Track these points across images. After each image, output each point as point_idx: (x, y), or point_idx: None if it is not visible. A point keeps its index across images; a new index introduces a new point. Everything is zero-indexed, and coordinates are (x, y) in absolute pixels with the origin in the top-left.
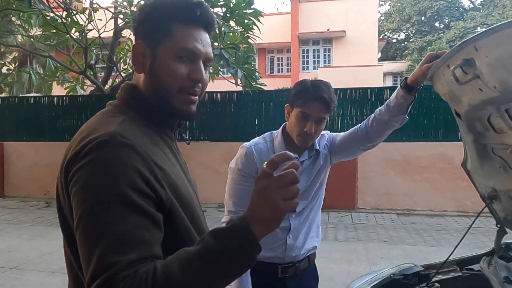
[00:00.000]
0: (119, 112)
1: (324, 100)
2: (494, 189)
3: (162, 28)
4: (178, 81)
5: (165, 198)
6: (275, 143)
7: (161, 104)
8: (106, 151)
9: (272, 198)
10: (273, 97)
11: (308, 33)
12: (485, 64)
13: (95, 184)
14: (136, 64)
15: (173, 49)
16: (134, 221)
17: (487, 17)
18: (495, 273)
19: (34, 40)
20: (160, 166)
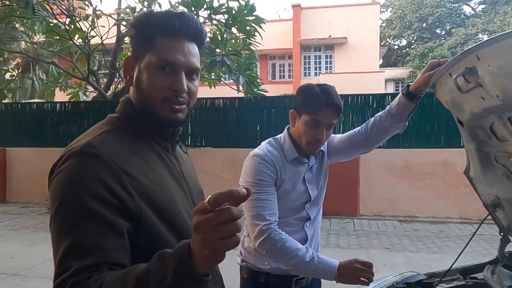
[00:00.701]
0: (109, 123)
1: (336, 107)
2: (497, 197)
3: (147, 42)
4: (161, 92)
5: (132, 206)
6: (285, 149)
7: (149, 114)
8: (74, 161)
9: (207, 237)
10: (275, 104)
11: (310, 39)
12: (487, 73)
13: (59, 192)
14: (126, 77)
15: (154, 62)
16: (91, 228)
17: (488, 24)
18: (499, 282)
19: (37, 47)
20: (131, 175)
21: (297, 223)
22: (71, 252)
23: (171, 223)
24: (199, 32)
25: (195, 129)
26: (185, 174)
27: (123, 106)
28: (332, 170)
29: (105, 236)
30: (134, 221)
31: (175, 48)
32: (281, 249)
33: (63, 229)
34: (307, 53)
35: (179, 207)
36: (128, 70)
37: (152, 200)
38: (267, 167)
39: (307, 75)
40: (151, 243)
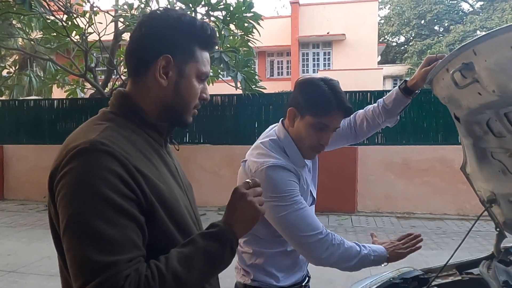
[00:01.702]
0: (106, 119)
1: (347, 111)
2: (493, 193)
3: (188, 50)
4: (196, 99)
5: (144, 202)
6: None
7: (172, 117)
8: (86, 158)
9: (253, 201)
10: (273, 100)
11: (308, 36)
12: (484, 68)
13: (78, 191)
14: (161, 76)
15: (197, 72)
16: (121, 222)
17: (486, 21)
18: (495, 277)
19: (34, 43)
20: (141, 171)
21: None
22: (108, 249)
23: (176, 219)
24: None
25: (193, 126)
26: (178, 170)
27: (120, 100)
28: (330, 167)
29: (134, 230)
30: (146, 216)
31: (208, 60)
32: (344, 252)
33: (89, 227)
34: (305, 50)
35: (181, 203)
36: (164, 70)
37: (161, 197)
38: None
39: (305, 72)
40: (159, 240)
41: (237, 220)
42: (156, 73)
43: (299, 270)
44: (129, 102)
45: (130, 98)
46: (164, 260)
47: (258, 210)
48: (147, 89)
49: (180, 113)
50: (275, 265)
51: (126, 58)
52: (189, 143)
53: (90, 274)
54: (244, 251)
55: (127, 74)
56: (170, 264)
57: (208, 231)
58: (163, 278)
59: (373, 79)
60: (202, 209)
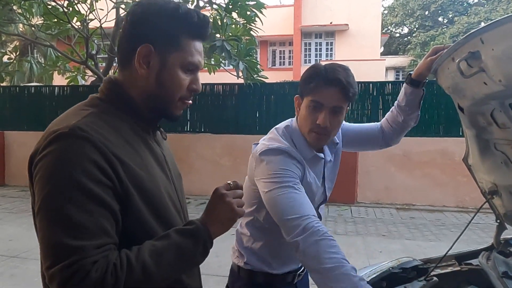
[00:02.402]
0: (92, 104)
1: (340, 84)
2: (495, 185)
3: (172, 39)
4: (182, 91)
5: (120, 190)
6: (298, 145)
7: (157, 108)
8: (63, 143)
9: (231, 203)
10: (275, 90)
11: (311, 26)
12: (491, 57)
13: (53, 174)
14: (141, 66)
15: (181, 62)
16: (93, 209)
17: (491, 12)
18: (494, 268)
19: (35, 29)
20: (120, 158)
21: None
22: (77, 233)
23: (156, 208)
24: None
25: (194, 115)
26: (167, 159)
27: (110, 87)
28: None
29: (106, 217)
30: (122, 204)
31: (197, 50)
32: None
33: (60, 211)
34: (307, 40)
35: (163, 192)
36: (144, 59)
37: (139, 185)
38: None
39: (308, 62)
40: (135, 228)
41: (214, 220)
42: (137, 62)
43: (296, 261)
44: (118, 89)
45: (119, 85)
46: (136, 251)
47: (235, 212)
48: (132, 79)
49: (164, 104)
50: (270, 252)
51: (116, 47)
52: (190, 132)
53: (57, 256)
54: (243, 232)
55: (117, 63)
56: (141, 255)
57: (184, 228)
58: (131, 268)
59: (375, 70)
60: (202, 198)
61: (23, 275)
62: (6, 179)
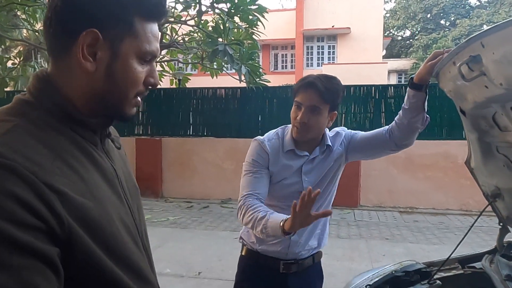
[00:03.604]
0: (18, 113)
1: (315, 87)
2: (498, 188)
3: (124, 22)
4: (138, 86)
5: (59, 230)
6: (285, 139)
7: (105, 109)
8: None
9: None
10: (277, 94)
11: (313, 29)
12: (492, 61)
13: None
14: (86, 58)
15: (137, 50)
16: (18, 264)
17: (493, 15)
18: (497, 271)
19: (39, 35)
20: (56, 189)
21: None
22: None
23: (107, 243)
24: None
25: (196, 118)
26: (118, 173)
27: (40, 87)
28: None
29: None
30: (62, 246)
31: (154, 35)
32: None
33: None
34: (309, 44)
35: (115, 220)
36: (90, 49)
37: (84, 218)
38: (262, 151)
39: (310, 66)
40: (84, 270)
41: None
42: (79, 54)
43: (280, 242)
44: (52, 90)
45: (52, 84)
46: None
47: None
48: (70, 74)
49: (116, 104)
50: None
51: (43, 32)
52: (193, 136)
53: None
54: None
55: (47, 52)
56: None
57: None
58: None
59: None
60: (205, 202)
61: None
62: None
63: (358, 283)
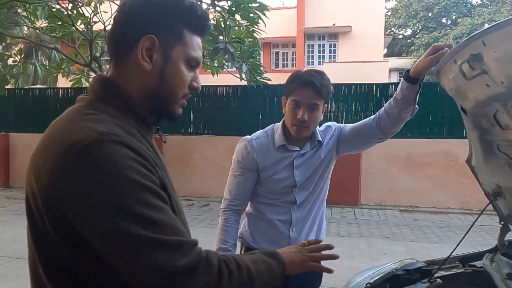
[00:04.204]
0: (97, 109)
1: (313, 85)
2: (499, 186)
3: (175, 32)
4: (184, 88)
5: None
6: (275, 136)
7: (156, 106)
8: (103, 151)
9: (303, 259)
10: (278, 92)
11: (314, 28)
12: (493, 59)
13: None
14: (145, 59)
15: (185, 56)
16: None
17: (495, 14)
18: (498, 269)
19: (39, 32)
20: (149, 160)
21: (284, 205)
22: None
23: (174, 207)
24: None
25: (197, 116)
26: (164, 162)
27: (105, 87)
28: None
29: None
30: None
31: (199, 45)
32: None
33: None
34: (310, 42)
35: (176, 194)
36: (147, 52)
37: (165, 189)
38: (247, 152)
39: (311, 64)
40: None
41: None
42: (139, 55)
43: (280, 240)
44: (116, 89)
45: (115, 85)
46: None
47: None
48: (130, 75)
49: (166, 102)
50: (255, 228)
51: (108, 41)
52: (193, 134)
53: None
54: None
55: (109, 58)
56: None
57: (265, 251)
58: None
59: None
60: (205, 200)
61: (28, 276)
62: (11, 180)
63: (359, 281)
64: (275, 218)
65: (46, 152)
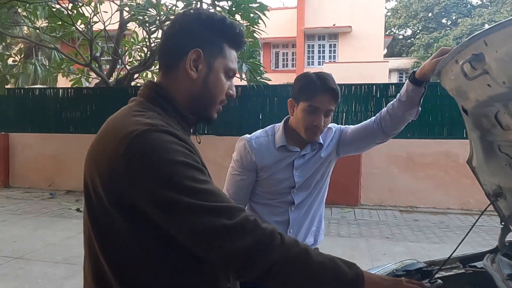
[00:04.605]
0: (146, 107)
1: (333, 92)
2: (500, 187)
3: (218, 46)
4: (222, 95)
5: None
6: (276, 136)
7: (198, 109)
8: (153, 137)
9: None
10: (278, 92)
11: (314, 28)
12: (495, 59)
13: (160, 165)
14: (192, 69)
15: (224, 67)
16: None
17: (495, 14)
18: (499, 270)
19: (39, 32)
20: (193, 148)
21: (281, 206)
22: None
23: None
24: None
25: None
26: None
27: (154, 90)
28: None
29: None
30: None
31: (235, 58)
32: None
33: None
34: (310, 42)
35: None
36: (194, 63)
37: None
38: (246, 152)
39: (311, 64)
40: None
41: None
42: (187, 66)
43: None
44: (163, 92)
45: (164, 89)
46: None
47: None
48: (177, 82)
49: (206, 106)
50: None
51: (159, 53)
52: (193, 134)
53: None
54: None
55: (159, 68)
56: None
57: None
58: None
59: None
60: None
61: (28, 276)
62: (11, 180)
63: None
64: (272, 219)
65: (104, 142)
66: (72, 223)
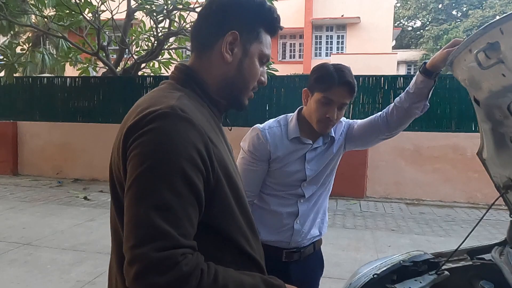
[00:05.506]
0: (176, 89)
1: (349, 85)
2: (510, 179)
3: (254, 30)
4: (255, 81)
5: (212, 175)
6: (289, 127)
7: (230, 94)
8: (167, 122)
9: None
10: (285, 83)
11: (322, 19)
12: (511, 48)
13: (155, 152)
14: (227, 51)
15: (259, 53)
16: (188, 197)
17: (507, 6)
18: (507, 262)
19: (47, 21)
20: (213, 142)
21: (291, 198)
22: (165, 215)
23: (237, 196)
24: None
25: None
26: (230, 149)
27: (185, 73)
28: None
29: (192, 205)
30: (210, 190)
31: (270, 44)
32: None
33: (154, 190)
34: (318, 33)
35: (240, 180)
36: (230, 46)
37: (226, 171)
38: (260, 142)
39: (318, 56)
40: (220, 215)
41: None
42: (223, 48)
43: (283, 232)
44: (194, 75)
45: (195, 71)
46: (223, 271)
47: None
48: (210, 64)
49: (238, 91)
50: (259, 218)
51: (193, 34)
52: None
53: (145, 236)
54: None
55: (191, 49)
56: (227, 278)
57: (270, 280)
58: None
59: (387, 64)
60: None
61: (36, 262)
62: (19, 168)
63: (366, 272)
64: (282, 210)
65: (130, 117)
66: (80, 211)
